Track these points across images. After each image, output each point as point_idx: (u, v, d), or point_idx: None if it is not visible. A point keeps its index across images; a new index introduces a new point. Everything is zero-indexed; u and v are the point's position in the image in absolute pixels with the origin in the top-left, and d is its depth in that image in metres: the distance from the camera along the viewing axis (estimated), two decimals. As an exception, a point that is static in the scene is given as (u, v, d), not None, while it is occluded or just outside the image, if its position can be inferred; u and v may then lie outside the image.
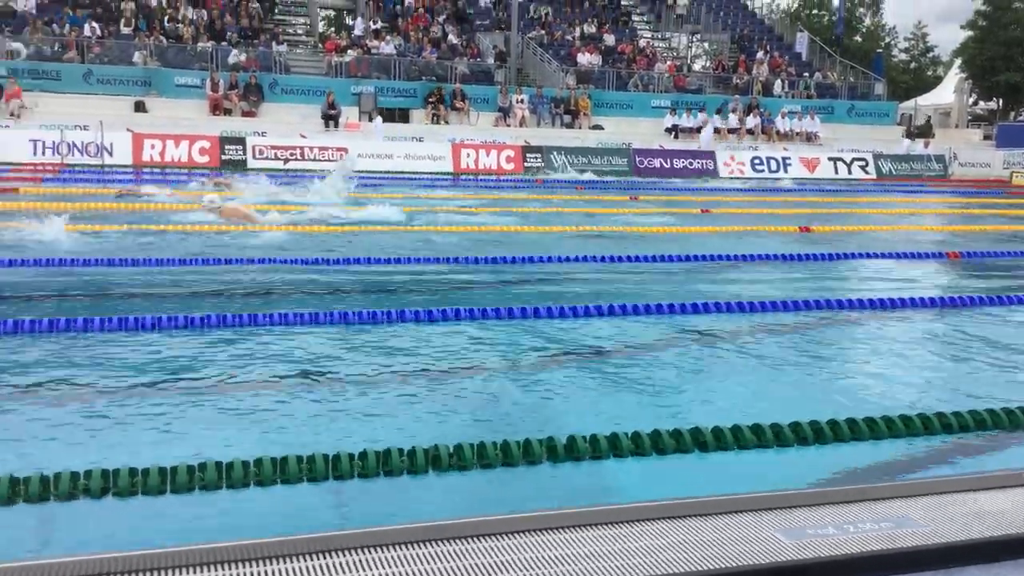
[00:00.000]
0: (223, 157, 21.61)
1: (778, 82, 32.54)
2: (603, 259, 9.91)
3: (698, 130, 28.64)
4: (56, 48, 24.88)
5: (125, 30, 26.10)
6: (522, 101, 27.43)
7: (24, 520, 3.59)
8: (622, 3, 36.59)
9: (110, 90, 24.12)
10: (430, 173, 22.40)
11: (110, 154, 20.85)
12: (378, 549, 2.91)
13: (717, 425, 4.14)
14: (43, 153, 20.45)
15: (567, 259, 9.74)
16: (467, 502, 3.91)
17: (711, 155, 26.35)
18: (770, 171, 26.40)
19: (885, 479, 4.07)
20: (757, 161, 26.63)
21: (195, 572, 2.74)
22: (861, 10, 63.12)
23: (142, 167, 20.78)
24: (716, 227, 13.38)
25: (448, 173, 22.90)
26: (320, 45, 29.04)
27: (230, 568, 2.78)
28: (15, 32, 24.74)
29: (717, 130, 28.97)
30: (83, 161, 20.38)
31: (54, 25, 25.40)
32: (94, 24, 25.76)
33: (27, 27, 24.90)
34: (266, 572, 2.76)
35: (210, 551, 2.84)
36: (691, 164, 25.85)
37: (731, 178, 25.46)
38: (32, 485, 3.60)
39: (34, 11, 25.88)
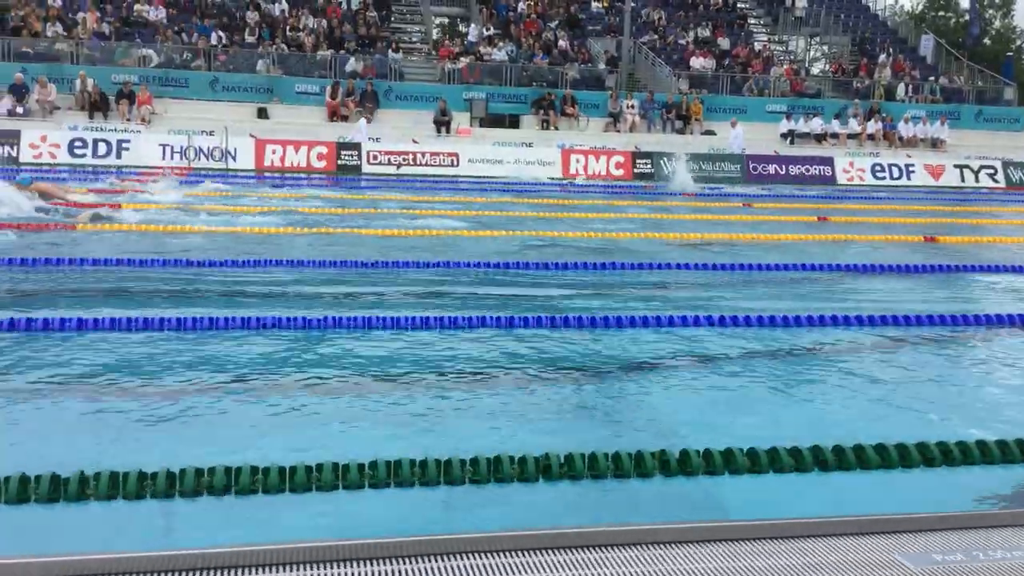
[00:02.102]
0: (339, 162, 22.18)
1: (901, 86, 31.34)
2: (714, 267, 9.73)
3: (816, 137, 27.81)
4: (184, 56, 26.04)
5: (249, 39, 27.10)
6: (632, 106, 27.23)
7: (151, 514, 3.74)
8: (738, 6, 35.91)
9: (234, 97, 25.07)
10: (539, 179, 22.45)
11: (234, 159, 21.67)
12: (487, 555, 2.91)
13: (838, 443, 4.00)
14: (171, 157, 21.41)
15: (677, 266, 9.61)
16: (576, 512, 3.89)
17: (829, 161, 25.57)
18: (892, 178, 25.43)
19: (1017, 505, 3.85)
20: (878, 168, 25.69)
21: (300, 569, 2.80)
22: (990, 12, 60.24)
23: (263, 172, 21.54)
24: (835, 235, 12.97)
25: (557, 179, 22.91)
26: (434, 52, 29.49)
27: (339, 567, 2.83)
28: (146, 41, 26.01)
29: (835, 135, 28.10)
30: (208, 165, 21.25)
31: (183, 34, 26.60)
32: (220, 33, 26.84)
33: (158, 36, 26.16)
34: (375, 572, 2.80)
35: (319, 549, 2.89)
36: (808, 170, 25.13)
37: (850, 185, 24.66)
38: (159, 481, 3.76)
39: (165, 21, 27.15)
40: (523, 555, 2.91)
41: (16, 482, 3.68)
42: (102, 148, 21.17)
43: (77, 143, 21.14)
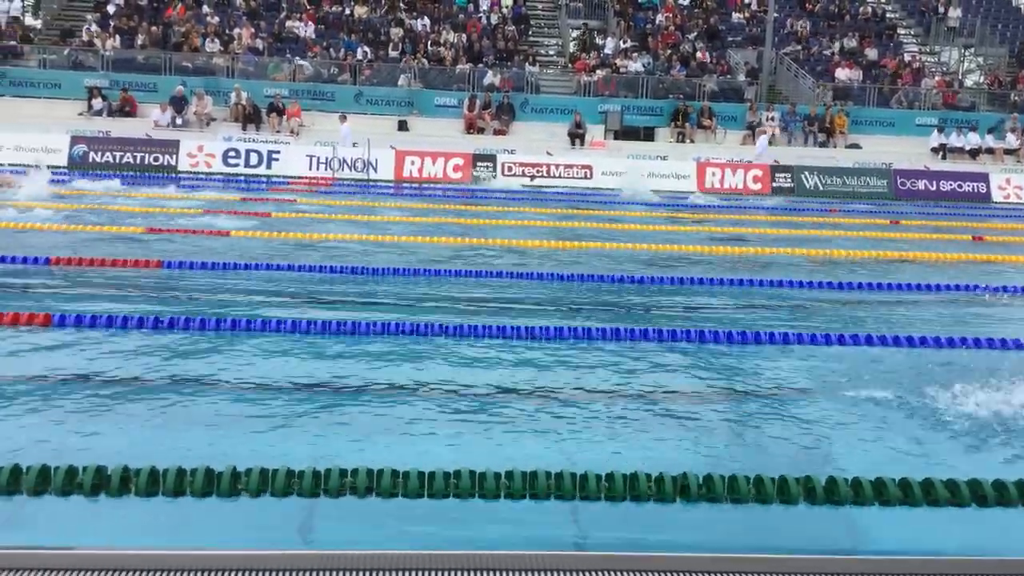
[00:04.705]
0: (474, 173, 22.55)
1: (1065, 99, 29.41)
2: (860, 286, 9.37)
3: (971, 153, 26.40)
4: (331, 71, 27.06)
5: (392, 54, 27.91)
6: (772, 119, 26.55)
7: (293, 511, 3.87)
8: (887, 16, 34.54)
9: (377, 110, 25.85)
10: (673, 192, 22.18)
11: (375, 169, 22.33)
12: (612, 574, 2.86)
13: (998, 478, 3.76)
14: (317, 168, 22.27)
15: (820, 284, 9.30)
16: (714, 536, 3.79)
17: (984, 177, 24.24)
18: (1053, 196, 23.89)
19: None
20: (1037, 185, 24.18)
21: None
22: None
23: (402, 182, 22.11)
24: (991, 256, 12.29)
25: (691, 192, 22.57)
26: (570, 65, 29.59)
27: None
28: (295, 56, 27.17)
29: (991, 150, 26.60)
30: (351, 176, 21.98)
31: (330, 50, 27.64)
32: (365, 49, 27.76)
33: (308, 52, 27.28)
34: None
35: (454, 557, 2.91)
36: (960, 187, 23.89)
37: (1007, 203, 23.30)
38: (305, 479, 3.88)
39: (313, 36, 28.29)
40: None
41: (173, 475, 3.88)
42: (253, 158, 22.20)
43: (231, 153, 22.25)
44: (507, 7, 31.35)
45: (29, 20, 30.02)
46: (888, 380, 5.97)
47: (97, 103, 23.90)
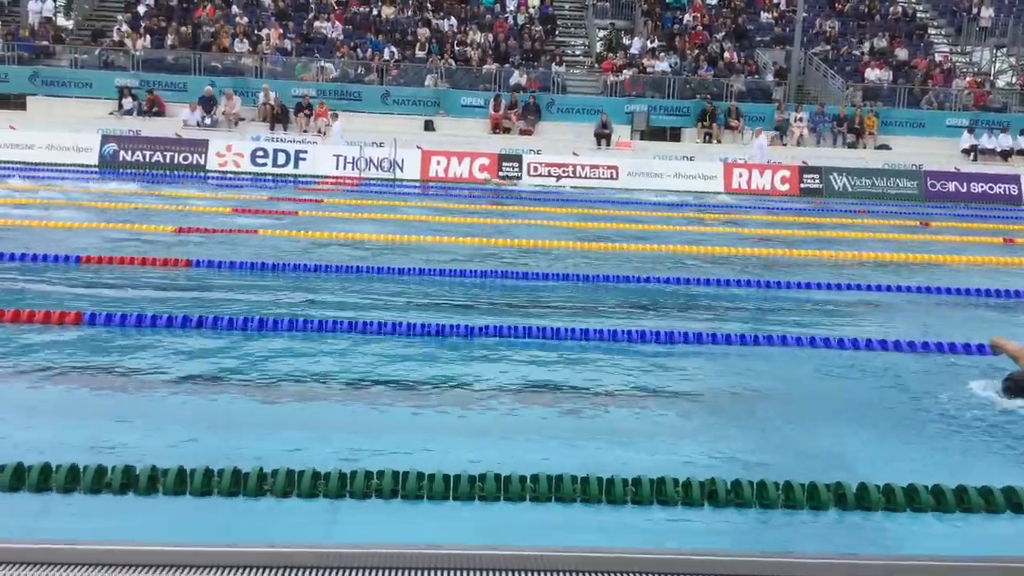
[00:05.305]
0: (500, 173, 22.53)
1: (1100, 99, 28.93)
2: (889, 288, 9.26)
3: (1002, 154, 26.05)
4: (358, 71, 27.16)
5: (419, 54, 27.96)
6: (800, 119, 26.32)
7: (322, 511, 3.88)
8: (918, 16, 34.15)
9: (403, 110, 25.92)
10: (700, 192, 22.06)
11: (401, 169, 22.39)
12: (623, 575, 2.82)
13: (1034, 487, 3.70)
14: (344, 167, 22.35)
15: (847, 287, 9.20)
16: (741, 542, 3.76)
17: (1015, 179, 23.89)
18: (1087, 199, 23.49)
19: None
20: (1070, 187, 23.78)
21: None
22: None
23: (428, 182, 22.14)
24: (1021, 259, 12.11)
25: (718, 192, 22.44)
26: (597, 65, 29.50)
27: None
28: (324, 56, 27.30)
29: (1023, 152, 26.22)
30: (378, 175, 22.05)
31: (358, 50, 27.74)
32: (392, 49, 27.83)
33: (335, 52, 27.40)
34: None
35: (473, 557, 2.89)
36: (991, 189, 23.58)
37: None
38: (331, 480, 3.89)
39: (341, 37, 28.40)
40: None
41: (200, 475, 3.89)
42: (281, 158, 22.32)
43: (259, 152, 22.38)
44: (534, 7, 31.32)
45: (61, 20, 30.39)
46: (917, 384, 5.90)
47: (127, 103, 24.15)
